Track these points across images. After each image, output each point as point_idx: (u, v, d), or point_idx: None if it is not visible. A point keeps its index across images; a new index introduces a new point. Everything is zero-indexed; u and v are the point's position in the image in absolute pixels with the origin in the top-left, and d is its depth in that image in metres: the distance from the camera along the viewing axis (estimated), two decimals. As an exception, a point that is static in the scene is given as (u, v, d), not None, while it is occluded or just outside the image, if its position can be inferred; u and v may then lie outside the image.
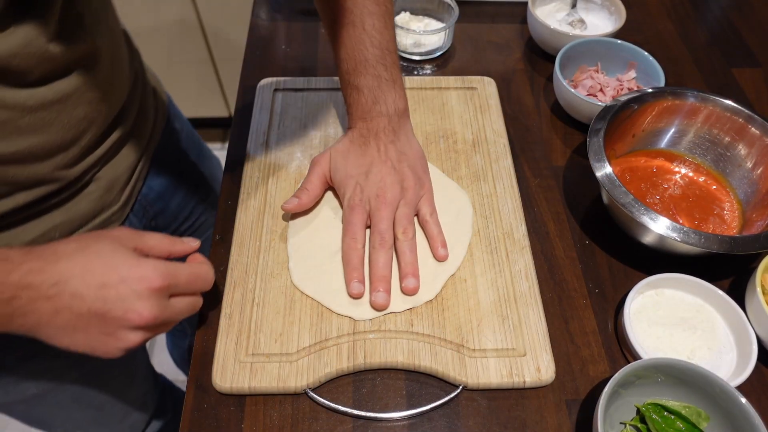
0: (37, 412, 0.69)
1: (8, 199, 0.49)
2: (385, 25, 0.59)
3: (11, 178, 0.47)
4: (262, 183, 0.64)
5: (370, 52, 0.58)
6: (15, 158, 0.47)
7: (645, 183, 0.66)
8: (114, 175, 0.59)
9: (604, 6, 0.85)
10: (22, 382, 0.62)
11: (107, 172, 0.58)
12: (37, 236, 0.53)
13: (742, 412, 0.45)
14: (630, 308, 0.54)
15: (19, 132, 0.46)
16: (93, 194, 0.56)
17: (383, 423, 0.50)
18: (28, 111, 0.46)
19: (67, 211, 0.55)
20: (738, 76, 0.82)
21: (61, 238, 0.51)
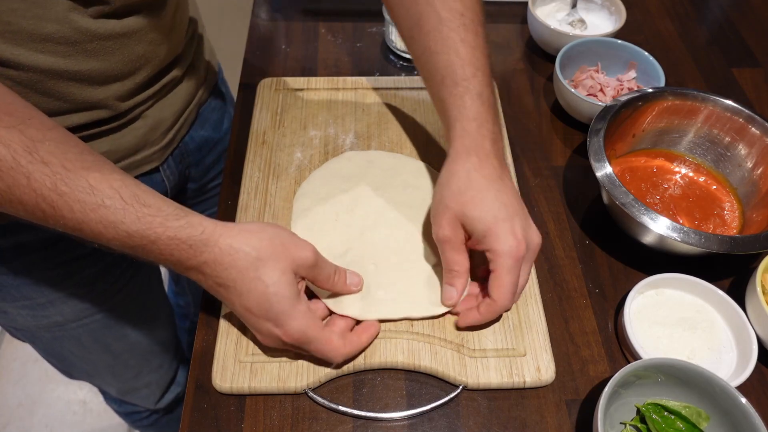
0: (57, 346, 0.72)
1: (63, 117, 0.52)
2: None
3: (70, 96, 0.52)
4: (262, 183, 0.64)
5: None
6: (76, 77, 0.51)
7: (645, 183, 0.66)
8: (160, 117, 0.62)
9: (604, 6, 0.85)
10: (48, 307, 0.65)
11: (155, 112, 0.61)
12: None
13: (742, 412, 0.45)
14: (630, 308, 0.54)
15: (85, 54, 0.50)
16: (139, 130, 0.60)
17: (383, 423, 0.50)
18: (96, 38, 0.50)
19: (113, 141, 0.58)
20: (738, 76, 0.82)
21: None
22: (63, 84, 0.51)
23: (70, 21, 0.48)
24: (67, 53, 0.49)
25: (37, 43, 0.47)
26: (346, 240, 0.59)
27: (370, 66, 0.81)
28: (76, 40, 0.49)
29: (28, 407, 1.38)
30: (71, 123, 0.53)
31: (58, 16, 0.47)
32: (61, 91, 0.51)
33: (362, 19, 0.87)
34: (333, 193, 0.63)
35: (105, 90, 0.54)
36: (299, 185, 0.64)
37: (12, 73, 0.47)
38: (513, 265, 0.48)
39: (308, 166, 0.66)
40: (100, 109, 0.55)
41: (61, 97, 0.51)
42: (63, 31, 0.48)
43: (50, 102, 0.51)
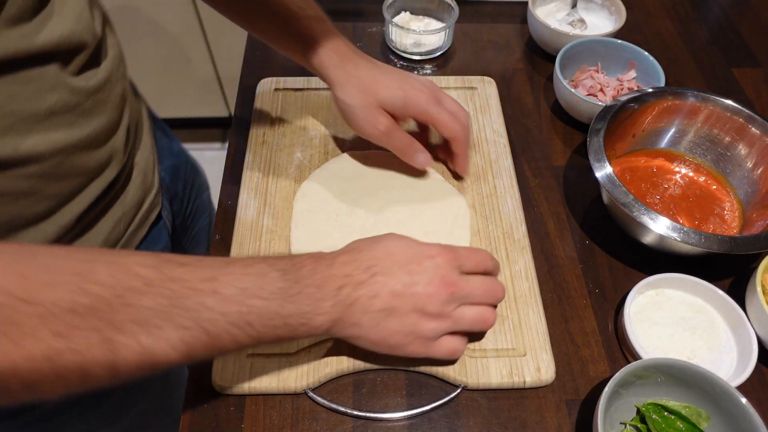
0: None
1: (84, 193, 0.50)
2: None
3: (84, 165, 0.49)
4: (262, 183, 0.64)
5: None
6: (86, 143, 0.48)
7: (645, 183, 0.66)
8: (144, 159, 0.61)
9: (604, 6, 0.85)
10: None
11: (140, 157, 0.60)
12: (107, 233, 0.55)
13: (743, 412, 0.45)
14: (630, 308, 0.54)
15: (86, 115, 0.48)
16: (137, 180, 0.59)
17: (383, 423, 0.50)
18: (90, 93, 0.48)
19: (123, 201, 0.57)
20: (738, 76, 0.82)
21: (123, 232, 0.58)
22: (78, 157, 0.48)
23: (64, 84, 0.45)
24: (72, 121, 0.47)
25: (44, 121, 0.44)
26: (346, 241, 0.59)
27: (370, 66, 0.80)
28: (75, 104, 0.46)
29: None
30: (91, 196, 0.51)
31: (53, 83, 0.44)
32: (78, 165, 0.48)
33: (362, 19, 0.87)
34: (333, 193, 0.63)
35: (108, 146, 0.52)
36: (299, 185, 0.64)
37: (33, 168, 0.44)
38: (436, 101, 0.59)
39: (308, 166, 0.66)
40: (109, 168, 0.52)
41: (80, 173, 0.49)
42: (63, 98, 0.45)
43: (71, 183, 0.48)
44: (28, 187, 0.45)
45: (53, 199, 0.47)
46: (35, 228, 0.47)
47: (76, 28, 0.45)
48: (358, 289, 0.43)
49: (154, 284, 0.35)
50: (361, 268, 0.44)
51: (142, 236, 0.62)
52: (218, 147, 1.90)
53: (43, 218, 0.48)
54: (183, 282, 0.36)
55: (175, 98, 1.73)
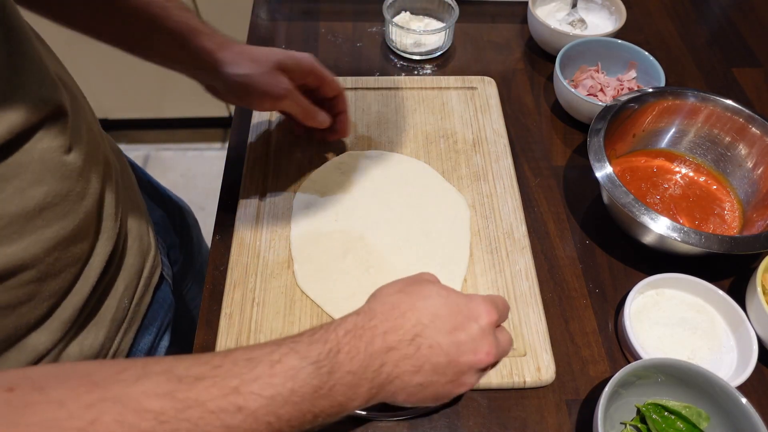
0: None
1: (82, 280, 0.46)
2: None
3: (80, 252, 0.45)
4: (262, 183, 0.64)
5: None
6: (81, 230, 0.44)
7: (645, 183, 0.66)
8: (136, 222, 0.57)
9: (604, 6, 0.85)
10: None
11: (132, 222, 0.56)
12: (113, 313, 0.51)
13: (743, 412, 0.45)
14: (630, 308, 0.54)
15: (77, 199, 0.43)
16: (133, 247, 0.55)
17: (383, 423, 0.50)
18: (80, 173, 0.43)
19: (125, 273, 0.53)
20: (738, 75, 0.82)
21: (129, 304, 0.54)
22: (74, 247, 0.44)
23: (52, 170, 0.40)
24: (67, 211, 0.42)
25: (36, 218, 0.40)
26: (346, 241, 0.59)
27: (370, 66, 0.81)
28: (67, 191, 0.42)
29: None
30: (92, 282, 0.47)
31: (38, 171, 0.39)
32: (74, 254, 0.44)
33: (362, 19, 0.87)
34: (333, 193, 0.63)
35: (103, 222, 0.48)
36: (299, 185, 0.64)
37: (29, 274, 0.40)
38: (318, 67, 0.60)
39: (308, 166, 0.66)
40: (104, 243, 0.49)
41: (75, 261, 0.45)
42: (53, 188, 0.40)
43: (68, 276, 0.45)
44: (25, 294, 0.41)
45: (53, 298, 0.44)
46: (38, 331, 0.44)
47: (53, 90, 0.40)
48: (400, 365, 0.39)
49: (170, 419, 0.30)
50: (407, 339, 0.39)
51: (148, 303, 0.58)
52: (218, 147, 1.90)
53: (45, 319, 0.44)
54: (202, 406, 0.31)
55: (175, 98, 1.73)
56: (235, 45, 0.57)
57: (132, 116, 1.81)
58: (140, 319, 0.57)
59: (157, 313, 0.60)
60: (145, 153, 1.89)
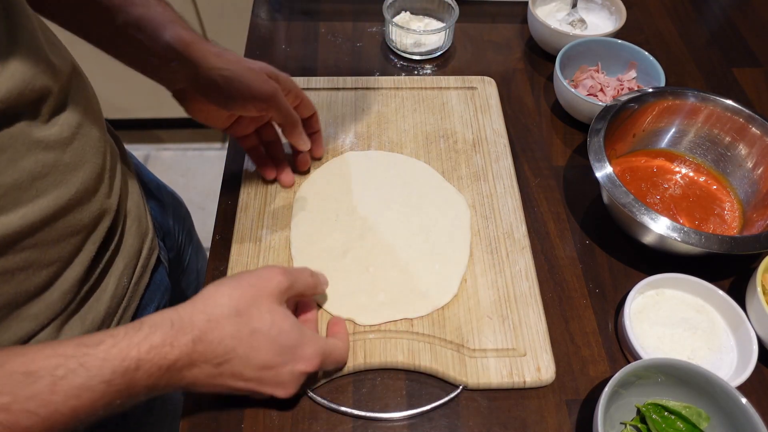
0: None
1: (82, 253, 0.47)
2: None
3: (78, 223, 0.46)
4: (262, 183, 0.64)
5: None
6: (77, 199, 0.45)
7: (645, 183, 0.66)
8: (135, 204, 0.57)
9: (604, 6, 0.85)
10: None
11: (131, 204, 0.57)
12: (113, 291, 0.52)
13: (743, 413, 0.45)
14: (630, 308, 0.54)
15: (70, 170, 0.44)
16: (132, 228, 0.56)
17: (383, 423, 0.50)
18: (67, 143, 0.44)
19: (124, 253, 0.54)
20: (738, 75, 0.82)
21: (128, 283, 0.55)
22: (71, 216, 0.45)
23: (37, 142, 0.41)
24: (59, 180, 0.43)
25: (29, 189, 0.41)
26: (346, 241, 0.59)
27: (370, 66, 0.81)
28: (54, 160, 0.43)
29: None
30: (90, 254, 0.48)
31: (25, 143, 0.40)
32: (72, 225, 0.45)
33: (362, 19, 0.87)
34: (333, 193, 0.63)
35: (98, 197, 0.48)
36: (299, 185, 0.64)
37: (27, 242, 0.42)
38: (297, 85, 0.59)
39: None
40: (103, 219, 0.50)
41: (74, 232, 0.46)
42: (40, 158, 0.41)
43: (67, 246, 0.46)
44: (23, 261, 0.42)
45: (52, 266, 0.44)
46: (37, 300, 0.45)
47: (36, 72, 0.40)
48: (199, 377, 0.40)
49: None
50: (214, 362, 0.40)
51: (146, 284, 0.59)
52: (218, 147, 1.90)
53: (45, 288, 0.45)
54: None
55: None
56: (217, 45, 0.53)
57: (132, 116, 1.81)
58: (138, 299, 0.58)
59: (154, 294, 0.61)
60: (145, 153, 1.89)
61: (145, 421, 0.63)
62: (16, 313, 0.44)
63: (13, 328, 0.44)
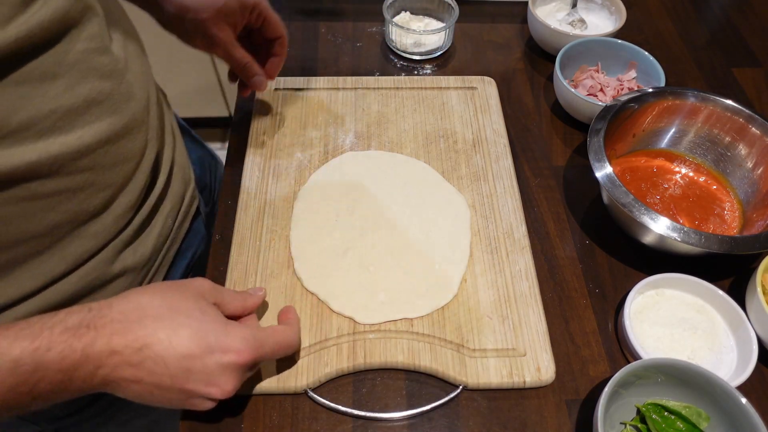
0: None
1: (133, 181, 0.51)
2: None
3: (129, 151, 0.50)
4: (262, 183, 0.64)
5: None
6: (128, 128, 0.49)
7: (645, 183, 0.66)
8: (180, 155, 0.63)
9: (604, 6, 0.85)
10: None
11: (178, 154, 0.62)
12: (161, 228, 0.58)
13: (743, 412, 0.45)
14: (630, 308, 0.54)
15: (121, 99, 0.48)
16: (178, 175, 0.62)
17: (383, 423, 0.50)
18: (120, 73, 0.48)
19: (171, 196, 0.60)
20: (738, 75, 0.82)
21: (173, 225, 0.61)
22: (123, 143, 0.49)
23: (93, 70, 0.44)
24: (114, 108, 0.47)
25: (85, 113, 0.44)
26: (347, 241, 0.59)
27: (370, 66, 0.81)
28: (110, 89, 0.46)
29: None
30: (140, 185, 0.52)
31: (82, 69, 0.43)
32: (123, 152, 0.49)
33: (362, 19, 0.87)
34: (333, 193, 0.63)
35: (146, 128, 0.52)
36: (299, 185, 0.64)
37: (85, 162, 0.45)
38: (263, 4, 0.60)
39: (308, 166, 0.66)
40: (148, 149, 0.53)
41: (125, 159, 0.50)
42: (96, 86, 0.45)
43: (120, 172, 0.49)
44: (83, 180, 0.46)
45: (108, 190, 0.49)
46: (95, 221, 0.49)
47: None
48: (119, 370, 0.38)
49: None
50: (134, 347, 0.38)
51: (186, 229, 0.64)
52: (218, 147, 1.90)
53: (102, 210, 0.49)
54: None
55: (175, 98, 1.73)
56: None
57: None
58: (179, 242, 0.63)
59: (192, 241, 0.66)
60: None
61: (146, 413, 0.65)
62: (78, 231, 0.48)
63: (74, 244, 0.48)
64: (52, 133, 0.42)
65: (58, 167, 0.43)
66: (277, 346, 0.45)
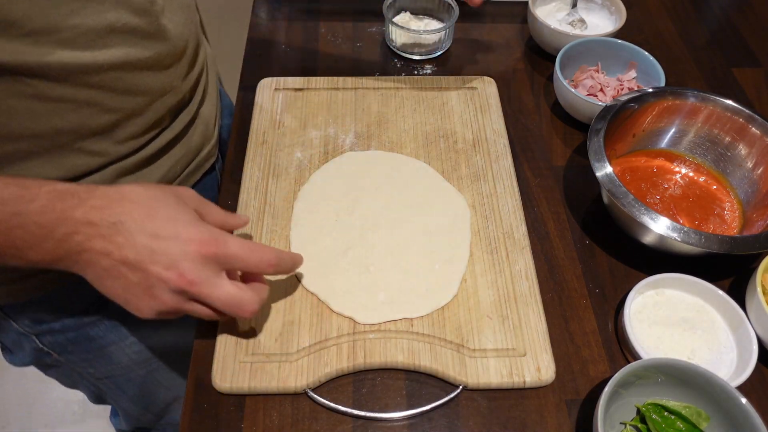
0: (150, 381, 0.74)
1: (144, 116, 0.54)
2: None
3: (144, 86, 0.52)
4: (262, 183, 0.64)
5: None
6: (146, 64, 0.52)
7: (645, 183, 0.66)
8: (207, 111, 0.66)
9: (604, 6, 0.85)
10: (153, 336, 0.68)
11: (205, 109, 0.65)
12: (167, 170, 0.60)
13: (743, 413, 0.45)
14: (630, 308, 0.54)
15: (150, 38, 0.51)
16: (199, 128, 0.64)
17: (383, 423, 0.50)
18: (153, 16, 0.51)
19: (186, 145, 0.62)
20: (738, 75, 0.82)
21: (180, 173, 0.63)
22: (138, 76, 0.51)
23: (125, 3, 0.48)
24: (135, 42, 0.50)
25: (105, 37, 0.47)
26: (347, 241, 0.59)
27: (370, 66, 0.81)
28: (136, 25, 0.49)
29: (27, 407, 1.38)
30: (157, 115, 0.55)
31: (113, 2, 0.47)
32: (138, 84, 0.52)
33: (362, 19, 0.87)
34: (333, 193, 0.63)
35: (170, 72, 0.55)
36: (299, 185, 0.64)
37: (93, 79, 0.48)
38: None
39: (308, 166, 0.66)
40: (171, 93, 0.56)
41: (139, 92, 0.52)
42: (122, 18, 0.48)
43: (131, 102, 0.52)
44: (89, 96, 0.49)
45: (114, 114, 0.51)
46: (98, 139, 0.51)
47: None
48: (92, 241, 0.41)
49: None
50: (108, 221, 0.41)
51: (195, 181, 0.66)
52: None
53: (106, 131, 0.52)
54: None
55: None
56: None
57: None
58: None
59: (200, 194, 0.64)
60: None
61: None
62: (79, 144, 0.50)
63: (74, 155, 0.50)
64: (69, 45, 0.45)
65: (67, 76, 0.46)
66: (246, 251, 0.44)
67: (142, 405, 0.80)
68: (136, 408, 0.80)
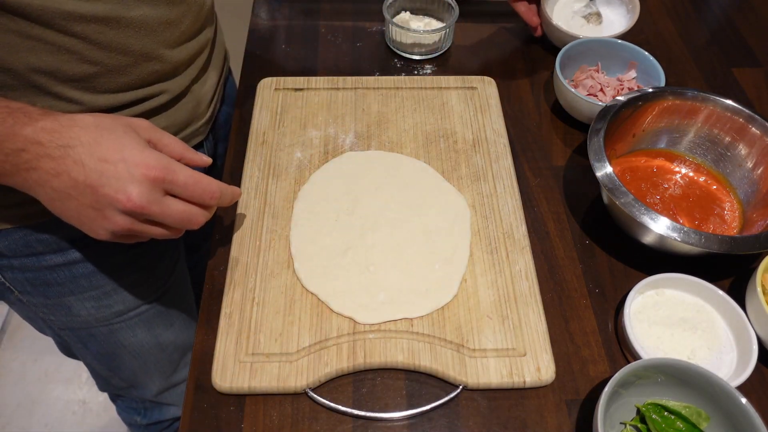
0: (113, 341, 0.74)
1: (124, 75, 0.54)
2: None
3: (126, 46, 0.53)
4: (262, 183, 0.64)
5: None
6: (133, 23, 0.53)
7: (645, 183, 0.66)
8: (201, 91, 0.66)
9: (623, 2, 0.84)
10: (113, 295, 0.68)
11: (198, 88, 0.65)
12: None
13: (743, 412, 0.45)
14: (630, 308, 0.54)
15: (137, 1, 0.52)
16: (188, 104, 0.64)
17: (383, 423, 0.50)
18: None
19: (171, 116, 0.62)
20: (738, 75, 0.82)
21: None
22: (119, 33, 0.52)
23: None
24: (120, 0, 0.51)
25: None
26: (347, 241, 0.59)
27: (370, 66, 0.81)
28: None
29: (27, 407, 1.38)
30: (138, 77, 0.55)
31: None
32: (119, 43, 0.52)
33: (362, 19, 0.87)
34: (333, 193, 0.63)
35: (156, 38, 0.55)
36: (299, 185, 0.64)
37: (75, 27, 0.49)
38: None
39: (308, 166, 0.66)
40: (154, 60, 0.56)
41: (121, 51, 0.53)
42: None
43: (112, 59, 0.53)
44: (68, 43, 0.49)
45: (92, 65, 0.52)
46: (73, 87, 0.52)
47: None
48: (42, 161, 0.42)
49: None
50: (57, 144, 0.42)
51: None
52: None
53: (82, 80, 0.52)
54: None
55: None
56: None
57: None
58: None
59: None
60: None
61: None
62: (54, 88, 0.51)
63: (47, 99, 0.52)
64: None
65: (49, 19, 0.47)
66: (191, 179, 0.45)
67: (107, 366, 0.79)
68: (102, 368, 0.80)
